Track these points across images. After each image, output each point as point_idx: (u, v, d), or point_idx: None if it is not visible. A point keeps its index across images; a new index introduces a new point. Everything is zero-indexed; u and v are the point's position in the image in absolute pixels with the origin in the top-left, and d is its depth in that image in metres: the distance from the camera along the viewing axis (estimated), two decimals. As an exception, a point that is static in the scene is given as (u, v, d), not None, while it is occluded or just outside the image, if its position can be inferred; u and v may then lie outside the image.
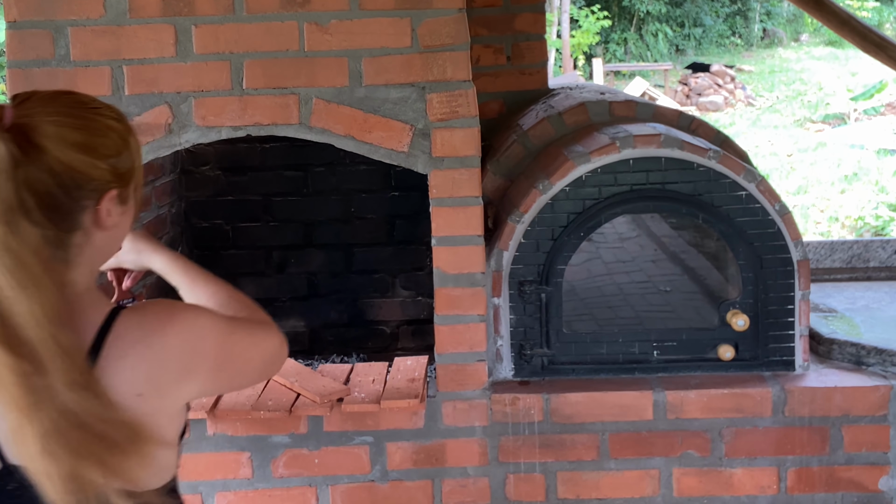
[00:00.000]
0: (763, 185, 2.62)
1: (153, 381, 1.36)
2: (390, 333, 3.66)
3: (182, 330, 1.39)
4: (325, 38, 2.43)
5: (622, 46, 21.49)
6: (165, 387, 1.38)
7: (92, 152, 1.36)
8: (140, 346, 1.35)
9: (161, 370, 1.37)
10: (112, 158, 1.39)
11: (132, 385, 1.34)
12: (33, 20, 2.42)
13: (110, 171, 1.38)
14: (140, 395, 1.35)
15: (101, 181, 1.37)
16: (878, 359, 2.69)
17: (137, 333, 1.36)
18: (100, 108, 1.41)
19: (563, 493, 2.62)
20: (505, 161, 2.98)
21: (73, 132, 1.35)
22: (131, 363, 1.34)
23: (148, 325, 1.37)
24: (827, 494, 2.61)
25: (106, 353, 1.34)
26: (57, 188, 1.33)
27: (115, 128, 1.41)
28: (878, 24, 20.95)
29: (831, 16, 4.08)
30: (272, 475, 2.59)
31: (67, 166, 1.34)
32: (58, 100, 1.39)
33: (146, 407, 1.36)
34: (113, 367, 1.34)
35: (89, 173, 1.36)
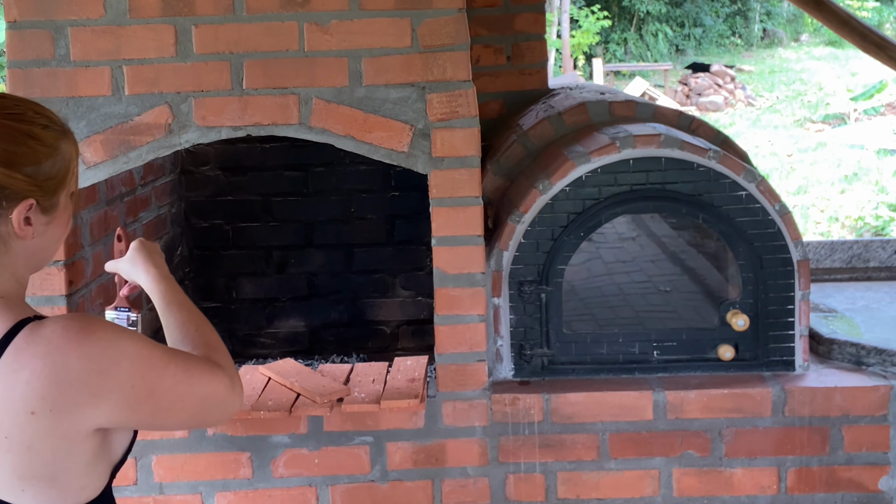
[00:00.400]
0: (763, 185, 2.62)
1: (48, 400, 1.28)
2: (390, 333, 3.66)
3: (92, 351, 1.31)
4: (326, 38, 2.43)
5: (622, 46, 21.49)
6: (63, 408, 1.29)
7: (5, 163, 1.31)
8: (37, 362, 1.28)
9: (58, 389, 1.28)
10: (29, 168, 1.34)
11: (25, 401, 1.28)
12: (33, 20, 2.42)
13: (24, 179, 1.34)
14: (33, 413, 1.28)
15: (13, 191, 1.33)
16: (878, 359, 2.69)
17: (40, 348, 1.29)
18: (23, 115, 1.37)
19: (563, 494, 2.62)
20: (505, 161, 2.98)
21: None
22: (26, 378, 1.28)
23: (54, 340, 1.29)
24: (827, 494, 2.61)
25: (1, 365, 1.28)
26: None
27: (39, 135, 1.36)
28: (878, 24, 20.95)
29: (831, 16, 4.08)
30: (272, 475, 2.59)
31: None
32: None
33: (41, 425, 1.29)
34: (7, 380, 1.28)
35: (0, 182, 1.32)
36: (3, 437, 1.28)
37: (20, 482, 1.30)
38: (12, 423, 1.27)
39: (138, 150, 2.46)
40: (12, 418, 1.27)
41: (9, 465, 1.29)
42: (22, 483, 1.30)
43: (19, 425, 1.27)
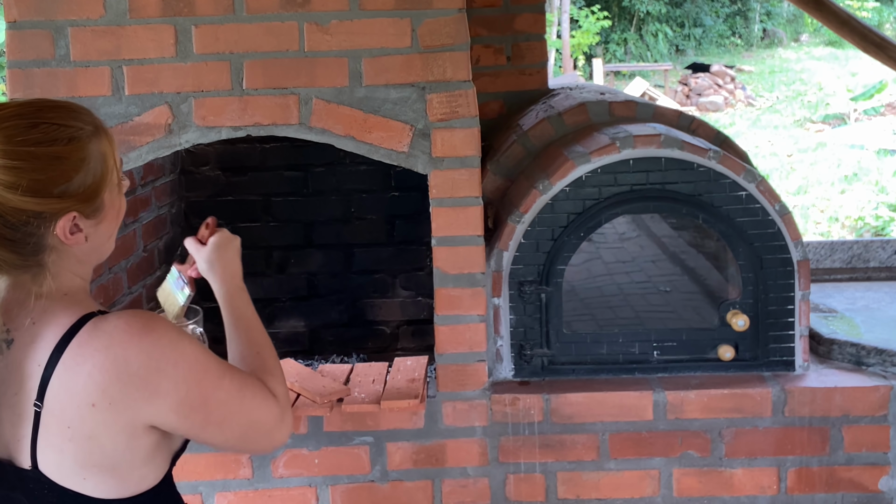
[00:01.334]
0: (763, 185, 2.62)
1: (108, 393, 1.32)
2: (390, 334, 3.66)
3: (152, 348, 1.34)
4: (326, 38, 2.43)
5: (622, 47, 21.49)
6: (121, 402, 1.33)
7: (30, 192, 1.33)
8: (99, 356, 1.32)
9: (117, 384, 1.32)
10: (60, 187, 1.36)
11: (86, 394, 1.32)
12: (33, 20, 2.42)
13: (57, 201, 1.36)
14: (93, 405, 1.32)
15: (49, 213, 1.35)
16: (879, 359, 2.69)
17: (102, 342, 1.33)
18: (45, 135, 1.36)
19: (563, 494, 2.62)
20: (505, 161, 2.98)
21: (10, 174, 1.32)
22: (88, 370, 1.32)
23: (116, 335, 1.34)
24: (827, 495, 2.61)
25: (65, 357, 1.32)
26: (3, 227, 1.33)
27: (64, 154, 1.36)
28: (878, 24, 20.96)
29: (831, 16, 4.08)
30: (272, 475, 2.59)
31: (5, 206, 1.32)
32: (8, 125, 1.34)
33: (100, 417, 1.33)
34: (70, 373, 1.32)
35: (32, 210, 1.34)
36: (66, 427, 1.32)
37: (82, 470, 1.35)
38: (74, 414, 1.32)
39: (138, 150, 2.46)
40: (74, 409, 1.32)
41: (71, 453, 1.34)
42: (83, 471, 1.35)
43: (81, 416, 1.32)
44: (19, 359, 1.34)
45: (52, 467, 1.35)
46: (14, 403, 1.35)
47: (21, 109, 1.37)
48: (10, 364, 1.34)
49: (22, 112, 1.37)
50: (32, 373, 1.33)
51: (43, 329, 1.35)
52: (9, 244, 1.34)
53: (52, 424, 1.33)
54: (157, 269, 3.02)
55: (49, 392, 1.32)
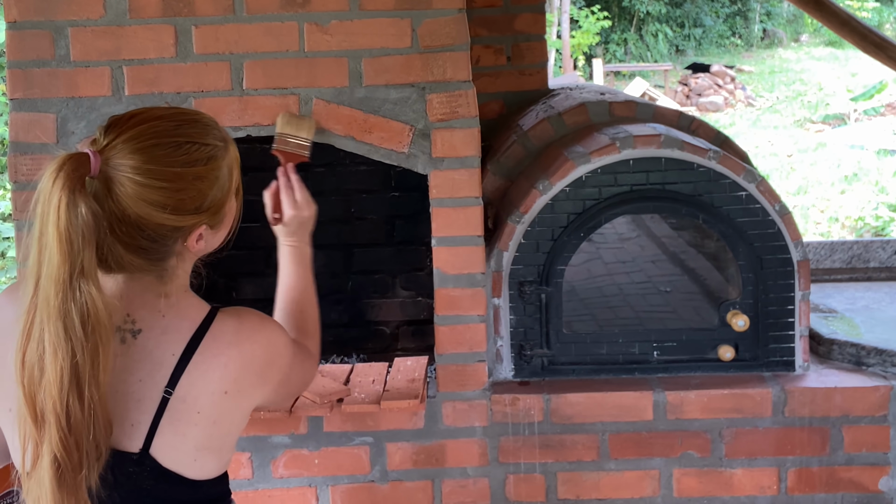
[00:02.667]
0: (763, 185, 2.62)
1: (239, 381, 1.46)
2: (390, 334, 3.66)
3: (268, 341, 1.51)
4: (325, 38, 2.43)
5: (622, 47, 21.49)
6: (247, 388, 1.48)
7: (174, 210, 1.41)
8: (233, 349, 1.45)
9: (246, 372, 1.47)
10: (193, 204, 1.44)
11: (222, 382, 1.44)
12: (33, 20, 2.42)
13: (194, 216, 1.45)
14: (226, 392, 1.44)
15: (186, 227, 1.45)
16: (879, 359, 2.69)
17: (232, 336, 1.46)
18: (191, 151, 1.42)
19: (563, 494, 2.62)
20: (505, 161, 2.98)
21: (154, 192, 1.39)
22: (224, 361, 1.44)
23: (243, 330, 1.48)
24: (827, 495, 2.61)
25: (203, 349, 1.43)
26: (142, 239, 1.41)
27: (204, 174, 1.44)
28: (878, 24, 20.95)
29: (831, 16, 4.08)
30: (272, 475, 2.59)
31: (150, 223, 1.40)
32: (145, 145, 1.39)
33: (229, 403, 1.46)
34: (207, 364, 1.43)
35: (172, 225, 1.42)
36: (196, 412, 1.43)
37: (196, 452, 1.45)
38: (207, 401, 1.43)
39: (138, 150, 2.46)
40: (207, 396, 1.43)
41: (193, 437, 1.44)
42: (197, 453, 1.46)
43: (212, 403, 1.44)
44: (149, 348, 1.43)
45: (165, 450, 1.42)
46: (136, 390, 1.42)
47: (161, 126, 1.42)
48: (137, 353, 1.43)
49: (162, 129, 1.42)
50: (165, 361, 1.42)
51: (174, 321, 1.45)
52: (141, 252, 1.42)
53: (181, 410, 1.42)
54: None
55: (183, 380, 1.41)
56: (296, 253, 1.99)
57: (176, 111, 1.48)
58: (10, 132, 2.44)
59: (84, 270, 1.31)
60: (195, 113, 1.50)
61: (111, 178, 1.37)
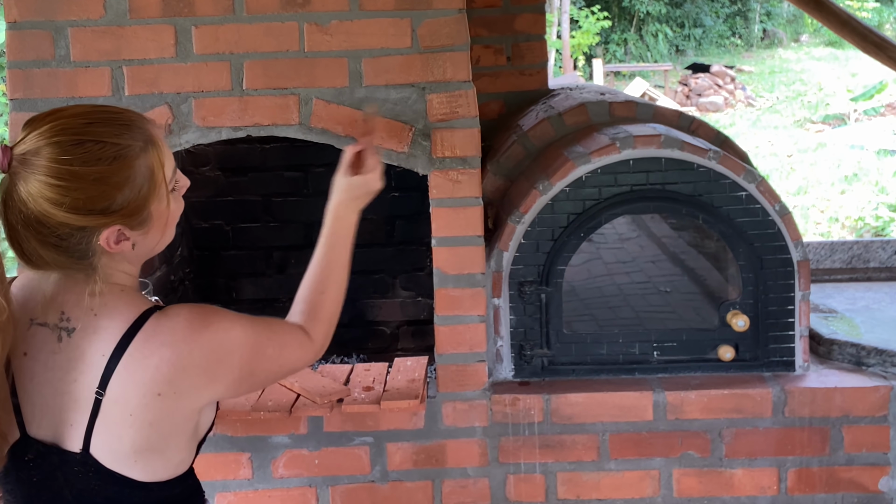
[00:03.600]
0: (763, 185, 2.62)
1: (173, 383, 1.41)
2: (390, 334, 3.66)
3: (211, 341, 1.44)
4: (326, 38, 2.43)
5: (622, 47, 21.49)
6: (185, 391, 1.43)
7: (72, 209, 1.37)
8: (166, 350, 1.40)
9: (183, 374, 1.42)
10: (102, 205, 1.39)
11: (153, 384, 1.40)
12: (33, 21, 2.42)
13: (100, 217, 1.40)
14: (159, 394, 1.40)
15: (92, 227, 1.40)
16: (879, 359, 2.69)
17: (167, 337, 1.41)
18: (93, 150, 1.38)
19: (563, 494, 2.62)
20: (505, 162, 2.98)
21: (51, 190, 1.36)
22: (155, 363, 1.40)
23: (179, 330, 1.42)
24: (827, 495, 2.61)
25: (132, 350, 1.39)
26: (50, 236, 1.39)
27: (108, 175, 1.39)
28: (878, 24, 20.95)
29: (831, 16, 4.08)
30: (272, 476, 2.59)
31: (50, 221, 1.37)
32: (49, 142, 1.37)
33: (164, 404, 1.41)
34: (137, 364, 1.39)
35: (75, 224, 1.39)
36: (129, 415, 1.39)
37: (135, 454, 1.43)
38: (139, 403, 1.39)
39: (138, 150, 2.46)
40: (139, 398, 1.39)
41: (129, 439, 1.41)
42: (136, 455, 1.43)
43: (145, 405, 1.40)
44: (82, 347, 1.40)
45: (104, 451, 1.41)
46: (72, 390, 1.40)
47: (70, 123, 1.40)
48: (71, 352, 1.41)
49: (70, 126, 1.39)
50: (95, 362, 1.39)
51: (105, 321, 1.41)
52: (58, 249, 1.40)
53: (114, 412, 1.39)
54: (158, 269, 3.02)
55: (113, 381, 1.38)
56: (340, 226, 1.91)
57: (96, 109, 1.44)
58: (10, 132, 2.44)
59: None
60: (117, 111, 1.45)
61: (17, 173, 1.36)
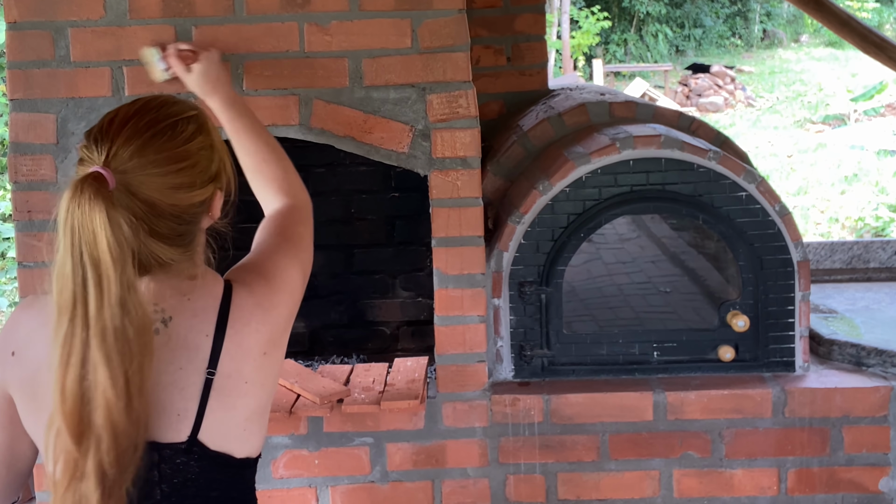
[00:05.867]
0: (763, 185, 2.62)
1: (273, 338, 1.52)
2: (390, 334, 3.66)
3: (281, 285, 1.55)
4: (326, 38, 2.43)
5: (622, 47, 21.49)
6: (280, 337, 1.54)
7: (195, 186, 1.44)
8: (258, 312, 1.49)
9: (276, 328, 1.52)
10: (208, 172, 1.47)
11: (259, 347, 1.48)
12: (33, 21, 2.42)
13: (211, 183, 1.48)
14: (265, 353, 1.49)
15: (209, 197, 1.48)
16: (879, 360, 2.69)
17: (251, 300, 1.49)
18: (178, 125, 1.44)
19: (563, 494, 2.62)
20: (505, 162, 2.98)
21: (177, 177, 1.41)
22: (255, 327, 1.47)
23: (256, 290, 1.51)
24: (827, 495, 2.61)
25: (233, 322, 1.46)
26: (179, 226, 1.43)
27: (199, 143, 1.47)
28: (878, 25, 20.95)
29: (831, 17, 4.08)
30: (272, 476, 2.59)
31: (182, 206, 1.42)
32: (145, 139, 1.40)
33: (270, 360, 1.50)
34: (241, 335, 1.46)
35: (200, 201, 1.46)
36: (244, 382, 1.47)
37: (245, 422, 1.49)
38: (251, 367, 1.47)
39: (138, 150, 2.46)
40: (251, 364, 1.47)
41: (243, 406, 1.48)
42: (246, 423, 1.49)
43: (256, 367, 1.48)
44: (182, 334, 1.44)
45: (214, 431, 1.44)
46: (178, 378, 1.43)
47: (146, 117, 1.43)
48: (172, 341, 1.43)
49: (149, 119, 1.43)
50: (201, 344, 1.44)
51: (199, 302, 1.46)
52: (179, 240, 1.44)
53: (228, 386, 1.44)
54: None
55: (223, 357, 1.44)
56: (228, 109, 1.94)
57: (142, 101, 1.48)
58: (10, 133, 2.44)
59: (133, 285, 1.32)
60: (158, 95, 1.51)
61: (129, 182, 1.37)
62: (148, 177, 1.38)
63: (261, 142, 1.87)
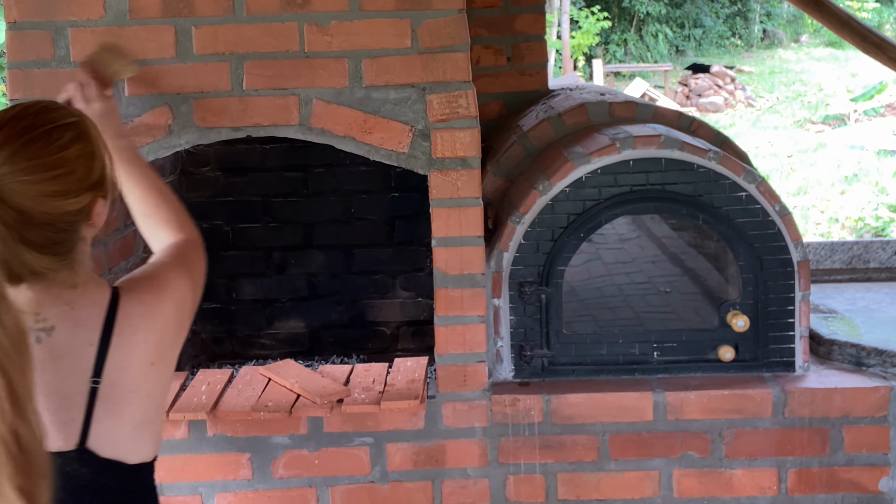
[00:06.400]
0: (763, 185, 2.62)
1: (161, 348, 1.50)
2: (390, 334, 3.66)
3: (173, 296, 1.53)
4: (325, 38, 2.43)
5: (622, 47, 21.49)
6: (168, 350, 1.52)
7: (70, 193, 1.40)
8: (146, 321, 1.46)
9: (164, 338, 1.50)
10: (87, 181, 1.43)
11: (145, 357, 1.46)
12: (33, 21, 2.42)
13: (90, 191, 1.44)
14: (153, 363, 1.47)
15: (87, 205, 1.44)
16: (879, 360, 2.69)
17: (140, 309, 1.46)
18: (53, 132, 1.40)
19: (563, 495, 2.62)
20: (505, 162, 2.98)
21: (50, 184, 1.37)
22: (142, 337, 1.45)
23: (147, 300, 1.49)
24: (827, 495, 2.61)
25: (118, 331, 1.43)
26: (53, 234, 1.39)
27: (77, 151, 1.42)
28: (878, 25, 20.95)
29: (831, 17, 4.08)
30: (272, 476, 2.59)
31: (56, 214, 1.38)
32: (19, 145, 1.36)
33: (157, 370, 1.48)
34: (128, 344, 1.44)
35: (76, 209, 1.42)
36: (129, 392, 1.45)
37: (133, 431, 1.48)
38: (137, 377, 1.46)
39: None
40: (136, 372, 1.45)
41: (129, 415, 1.46)
42: (135, 431, 1.48)
43: (143, 377, 1.46)
44: (66, 343, 1.43)
45: (103, 440, 1.44)
46: (62, 387, 1.42)
47: (19, 123, 1.40)
48: (55, 350, 1.42)
49: (23, 126, 1.39)
50: (85, 353, 1.42)
51: (84, 311, 1.44)
52: (54, 248, 1.41)
53: (113, 395, 1.43)
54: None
55: (108, 366, 1.43)
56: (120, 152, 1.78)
57: (20, 107, 1.45)
58: (10, 133, 2.44)
59: (2, 295, 1.25)
60: (39, 101, 1.48)
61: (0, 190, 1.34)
62: (20, 184, 1.34)
63: (151, 188, 1.80)
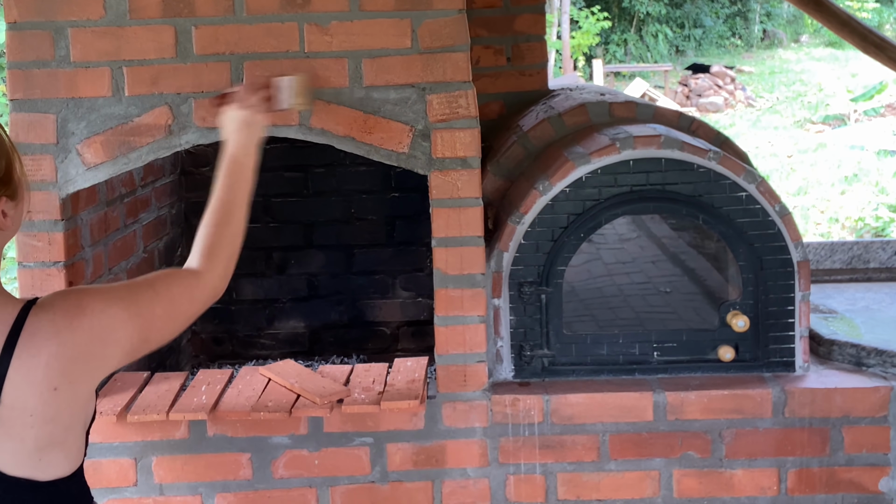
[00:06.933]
0: (763, 186, 2.62)
1: (67, 375, 1.39)
2: (390, 334, 3.66)
3: (91, 326, 1.41)
4: (326, 38, 2.43)
5: (622, 47, 21.49)
6: (79, 378, 1.41)
7: None
8: (52, 344, 1.37)
9: (73, 364, 1.39)
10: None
11: (48, 381, 1.37)
12: (33, 21, 2.42)
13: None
14: (56, 388, 1.38)
15: None
16: (879, 360, 2.69)
17: (49, 330, 1.37)
18: None
19: (563, 495, 2.62)
20: (505, 162, 2.98)
21: None
22: (45, 360, 1.36)
23: (58, 322, 1.38)
24: (827, 495, 2.61)
25: (20, 351, 1.36)
26: None
27: None
28: (879, 25, 20.95)
29: (831, 17, 4.08)
30: (272, 476, 2.59)
31: None
32: None
33: (62, 397, 1.39)
34: (28, 365, 1.36)
35: None
36: (29, 416, 1.37)
37: (38, 452, 1.40)
38: (37, 401, 1.37)
39: (138, 151, 2.46)
40: (37, 397, 1.36)
41: (32, 439, 1.39)
42: (40, 453, 1.40)
43: (44, 402, 1.37)
44: None
45: (7, 459, 1.38)
46: None
47: None
48: None
49: None
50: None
51: None
52: None
53: (13, 417, 1.36)
54: (157, 269, 3.02)
55: (7, 386, 1.35)
56: (232, 163, 1.91)
57: None
58: (11, 133, 2.44)
59: None
60: None
61: None
62: None
63: (226, 209, 1.80)
